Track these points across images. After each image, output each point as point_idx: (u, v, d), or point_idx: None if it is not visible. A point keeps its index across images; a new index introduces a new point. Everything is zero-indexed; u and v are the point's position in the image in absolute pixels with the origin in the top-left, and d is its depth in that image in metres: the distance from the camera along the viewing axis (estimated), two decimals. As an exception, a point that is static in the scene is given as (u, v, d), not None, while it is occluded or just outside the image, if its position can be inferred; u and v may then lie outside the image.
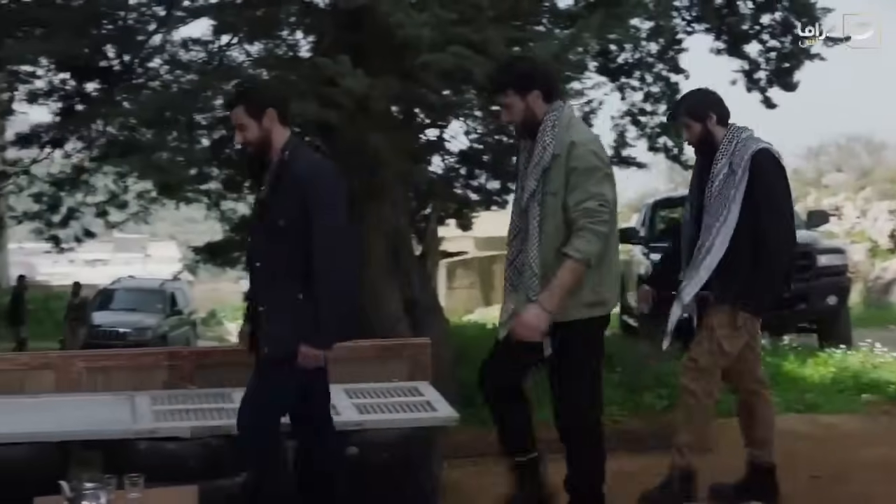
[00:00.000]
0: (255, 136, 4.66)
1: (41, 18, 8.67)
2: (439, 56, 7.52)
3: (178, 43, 9.19)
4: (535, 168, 4.81)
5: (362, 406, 5.58)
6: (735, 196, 5.24)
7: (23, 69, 9.42)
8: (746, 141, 5.34)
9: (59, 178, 10.11)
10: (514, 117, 4.90)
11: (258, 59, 8.92)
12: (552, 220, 4.77)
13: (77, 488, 4.22)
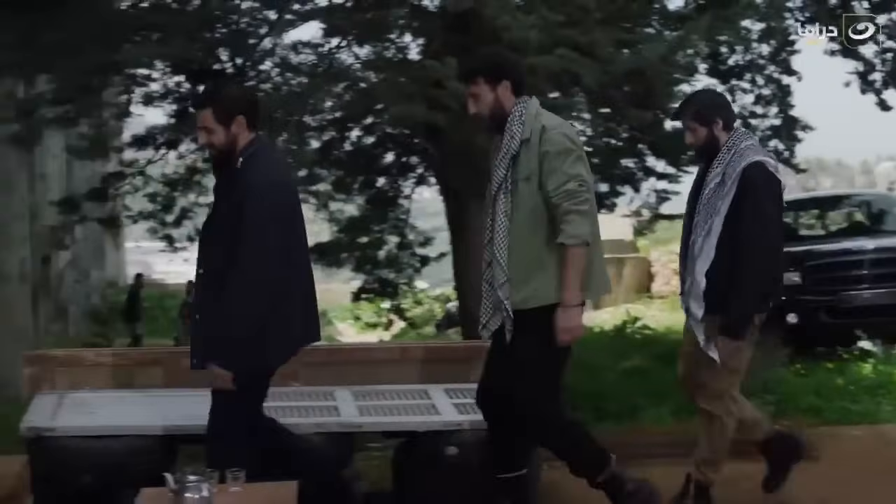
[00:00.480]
0: (221, 142, 4.60)
1: (157, 23, 8.88)
2: (546, 58, 7.54)
3: (289, 46, 9.33)
4: (503, 158, 4.76)
5: (462, 406, 5.63)
6: (720, 208, 5.11)
7: (139, 72, 9.65)
8: (744, 151, 5.17)
9: (172, 179, 10.37)
10: (481, 109, 4.82)
11: (367, 62, 9.02)
12: (525, 206, 4.71)
13: (181, 480, 4.34)
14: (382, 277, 11.68)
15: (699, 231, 5.16)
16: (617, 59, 7.67)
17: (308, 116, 9.92)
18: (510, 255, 4.76)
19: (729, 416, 5.31)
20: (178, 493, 4.30)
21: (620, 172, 10.82)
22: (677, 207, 10.68)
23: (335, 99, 9.10)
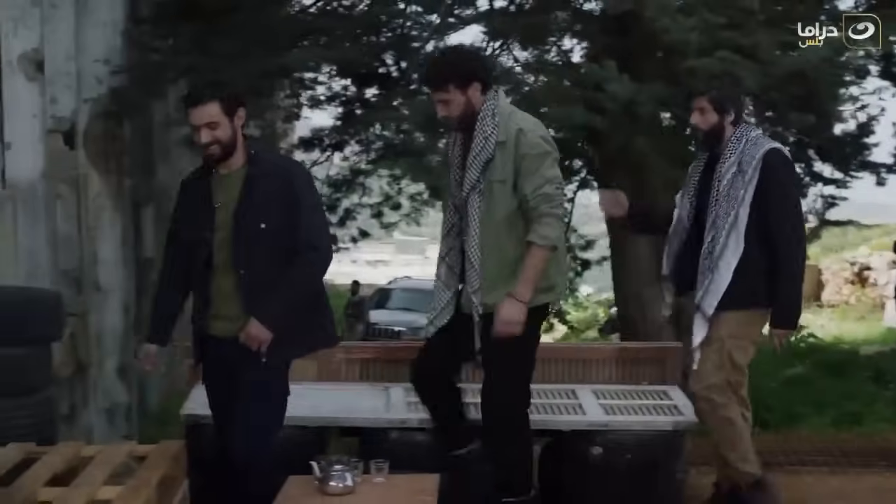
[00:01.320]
0: (227, 136, 4.42)
1: (323, 28, 9.12)
2: (706, 61, 7.48)
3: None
4: (477, 159, 4.72)
5: (609, 407, 5.68)
6: (744, 197, 5.02)
7: (307, 76, 9.93)
8: (757, 140, 5.12)
9: (336, 180, 10.62)
10: (451, 112, 4.76)
11: (526, 65, 9.11)
12: (501, 208, 4.73)
13: (326, 469, 4.51)
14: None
15: (721, 224, 5.06)
16: (778, 61, 7.55)
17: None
18: (485, 258, 4.82)
19: (732, 411, 5.22)
20: (323, 481, 4.48)
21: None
22: (845, 213, 10.45)
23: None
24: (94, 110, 9.34)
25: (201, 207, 4.51)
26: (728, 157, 5.10)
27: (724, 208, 5.06)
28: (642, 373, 6.01)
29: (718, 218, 5.07)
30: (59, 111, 8.96)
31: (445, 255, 5.02)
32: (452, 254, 5.00)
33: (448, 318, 5.01)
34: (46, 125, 8.81)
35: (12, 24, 8.38)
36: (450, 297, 4.99)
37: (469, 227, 4.82)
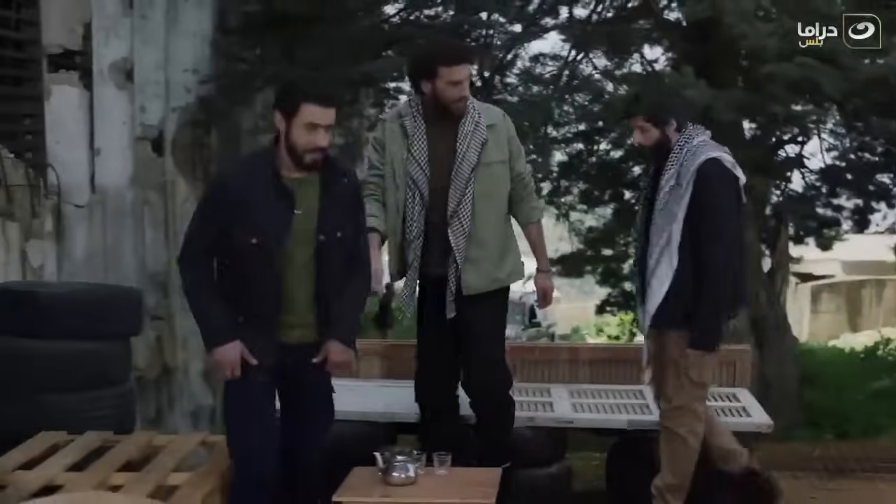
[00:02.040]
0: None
1: (408, 37, 9.27)
2: (785, 66, 7.50)
3: (531, 57, 9.60)
4: (473, 142, 5.01)
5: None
6: (678, 214, 4.79)
7: (391, 85, 10.09)
8: (698, 149, 4.86)
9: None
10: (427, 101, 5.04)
11: (605, 72, 9.18)
12: (504, 188, 5.12)
13: (389, 460, 4.63)
14: (626, 291, 11.73)
15: (656, 240, 4.86)
16: (860, 67, 7.53)
17: (552, 128, 10.15)
18: (490, 236, 5.07)
19: (692, 435, 5.01)
20: (386, 472, 4.60)
21: (875, 188, 10.51)
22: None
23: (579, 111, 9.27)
24: (182, 119, 9.60)
25: (274, 213, 4.28)
26: (668, 169, 4.87)
27: (660, 224, 4.86)
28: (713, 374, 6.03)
29: (654, 234, 4.88)
30: (148, 119, 9.22)
31: (412, 242, 5.11)
32: (417, 241, 5.10)
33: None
34: (135, 132, 9.07)
35: (104, 34, 8.64)
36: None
37: (473, 209, 4.98)
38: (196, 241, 4.35)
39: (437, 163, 5.02)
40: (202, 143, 9.91)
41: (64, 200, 7.95)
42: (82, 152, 8.32)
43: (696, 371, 4.92)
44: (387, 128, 5.18)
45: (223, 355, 4.30)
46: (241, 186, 4.26)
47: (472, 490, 4.54)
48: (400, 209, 5.10)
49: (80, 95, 8.28)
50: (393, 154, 5.10)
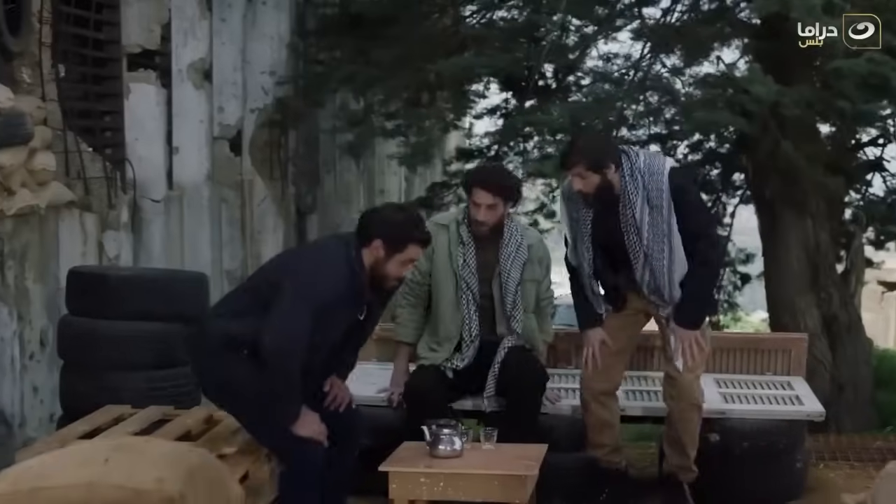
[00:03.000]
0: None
1: (481, 37, 9.46)
2: (853, 62, 7.52)
3: (602, 56, 9.73)
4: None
5: (729, 395, 5.84)
6: (670, 229, 5.13)
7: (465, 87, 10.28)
8: (649, 166, 5.17)
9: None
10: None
11: (676, 69, 9.26)
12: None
13: (435, 434, 4.81)
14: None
15: (658, 260, 5.18)
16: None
17: (626, 130, 10.25)
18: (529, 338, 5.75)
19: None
20: (433, 445, 4.78)
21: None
22: None
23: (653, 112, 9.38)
24: (259, 119, 9.94)
25: (348, 322, 4.83)
26: (633, 202, 5.17)
27: (656, 247, 5.18)
28: (767, 363, 6.15)
29: (653, 258, 5.19)
30: (226, 119, 9.56)
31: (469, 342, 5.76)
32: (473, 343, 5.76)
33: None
34: (213, 132, 9.39)
35: (182, 36, 8.99)
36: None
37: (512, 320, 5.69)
38: (302, 338, 4.50)
39: (485, 272, 5.65)
40: (279, 144, 10.23)
41: (141, 195, 8.26)
42: (159, 148, 8.64)
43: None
44: (439, 233, 5.59)
45: (310, 428, 4.59)
46: (337, 301, 4.55)
47: (516, 462, 4.70)
48: (446, 304, 5.68)
49: (157, 93, 8.61)
50: (445, 256, 5.65)
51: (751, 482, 5.59)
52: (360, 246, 4.64)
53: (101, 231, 7.60)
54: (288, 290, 4.50)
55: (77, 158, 7.40)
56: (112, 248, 7.68)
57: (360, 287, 4.63)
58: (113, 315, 5.79)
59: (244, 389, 4.58)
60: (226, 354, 4.53)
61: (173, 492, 3.05)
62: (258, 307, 4.55)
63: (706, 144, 11.07)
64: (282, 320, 4.46)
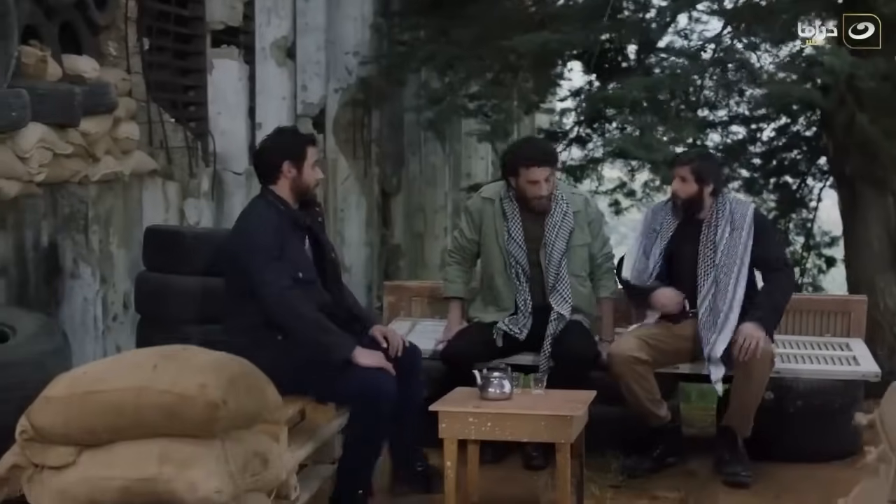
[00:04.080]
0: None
1: (560, 15, 9.62)
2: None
3: (679, 31, 9.84)
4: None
5: (785, 355, 5.97)
6: (744, 255, 5.71)
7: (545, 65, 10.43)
8: (737, 202, 5.97)
9: (571, 166, 11.05)
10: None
11: (750, 44, 9.31)
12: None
13: (486, 377, 5.05)
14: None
15: (725, 280, 5.71)
16: None
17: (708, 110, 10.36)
18: (581, 303, 6.05)
19: None
20: (483, 388, 5.01)
21: None
22: None
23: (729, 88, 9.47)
24: (342, 99, 10.25)
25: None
26: (719, 223, 5.78)
27: (726, 267, 5.72)
28: (827, 324, 6.28)
29: (720, 278, 5.72)
30: (309, 97, 9.88)
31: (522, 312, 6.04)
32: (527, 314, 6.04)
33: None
34: (296, 109, 9.71)
35: (265, 14, 9.32)
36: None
37: (560, 285, 6.03)
38: (284, 283, 4.98)
39: (532, 244, 5.90)
40: (362, 124, 10.54)
41: (223, 167, 8.60)
42: (241, 123, 8.96)
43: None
44: (485, 207, 5.99)
45: (370, 357, 4.98)
46: (276, 233, 5.05)
47: (564, 405, 4.92)
48: (497, 275, 5.98)
49: (240, 69, 8.93)
50: (492, 230, 5.96)
51: (805, 440, 5.74)
52: (270, 185, 5.15)
53: (182, 199, 7.94)
54: (245, 265, 4.96)
55: (160, 129, 7.75)
56: (193, 215, 8.02)
57: (286, 211, 5.10)
58: (186, 270, 6.10)
59: (295, 364, 4.86)
60: (259, 351, 4.64)
61: (216, 397, 3.33)
62: (242, 287, 5.00)
63: (792, 128, 11.12)
64: (262, 290, 4.89)
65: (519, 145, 6.51)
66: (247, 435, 3.57)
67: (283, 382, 4.80)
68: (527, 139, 8.69)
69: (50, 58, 6.32)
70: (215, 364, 3.46)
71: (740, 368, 5.53)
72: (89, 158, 6.71)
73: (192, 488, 3.30)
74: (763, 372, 5.53)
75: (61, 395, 3.37)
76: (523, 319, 5.90)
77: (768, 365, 5.54)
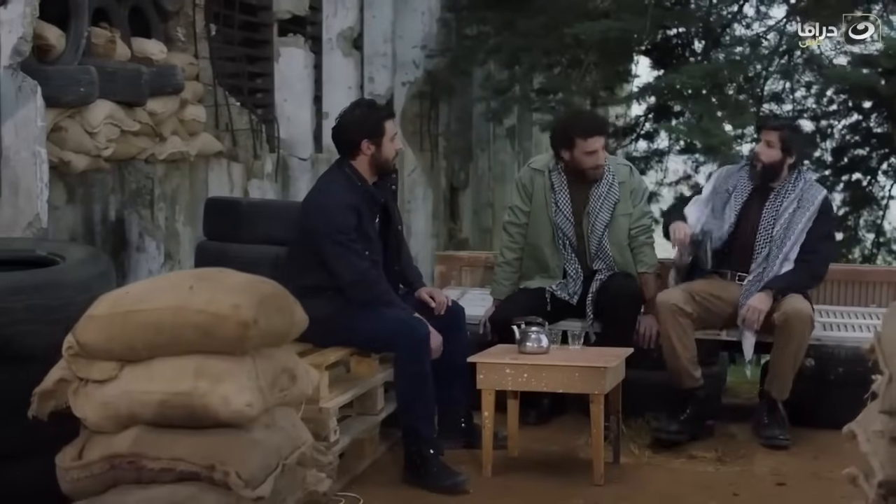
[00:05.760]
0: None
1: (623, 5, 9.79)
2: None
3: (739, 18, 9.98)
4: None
5: (828, 324, 6.12)
6: (800, 236, 5.85)
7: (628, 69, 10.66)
8: (813, 183, 6.05)
9: (634, 157, 11.23)
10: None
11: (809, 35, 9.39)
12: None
13: (524, 331, 5.27)
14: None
15: (776, 253, 5.87)
16: None
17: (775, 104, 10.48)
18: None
19: None
20: (521, 342, 5.24)
21: None
22: None
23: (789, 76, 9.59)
24: (410, 92, 10.54)
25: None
26: (787, 195, 5.91)
27: (780, 240, 5.88)
28: (873, 295, 6.39)
29: (773, 250, 5.88)
30: (376, 89, 10.19)
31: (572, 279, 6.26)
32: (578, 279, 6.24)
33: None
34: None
35: (332, 6, 9.67)
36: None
37: (601, 252, 6.20)
38: (362, 267, 5.30)
39: (578, 216, 6.10)
40: (429, 117, 10.81)
41: (289, 153, 8.92)
42: (307, 110, 9.28)
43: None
44: (535, 177, 6.19)
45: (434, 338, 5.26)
46: (353, 214, 5.30)
47: (598, 358, 5.12)
48: (544, 245, 6.17)
49: (306, 58, 9.24)
50: (542, 200, 6.15)
51: (845, 407, 5.76)
52: (349, 160, 5.38)
53: (246, 180, 8.27)
54: (320, 238, 5.24)
55: (226, 112, 8.09)
56: (256, 194, 8.32)
57: (363, 188, 5.32)
58: (243, 239, 6.38)
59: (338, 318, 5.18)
60: (307, 301, 4.72)
61: (247, 317, 3.58)
62: (311, 255, 5.27)
63: (864, 124, 11.20)
64: (341, 271, 5.21)
65: (572, 118, 6.73)
66: (276, 352, 3.82)
67: (328, 333, 5.11)
68: (577, 112, 8.89)
69: (119, 39, 6.68)
70: (247, 285, 3.71)
71: (780, 330, 5.67)
72: (156, 137, 7.05)
73: (225, 402, 3.54)
74: (802, 334, 5.66)
75: (104, 313, 3.63)
76: (574, 286, 6.09)
77: (808, 327, 5.68)
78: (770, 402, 5.81)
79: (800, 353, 5.70)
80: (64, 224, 6.19)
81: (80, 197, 6.46)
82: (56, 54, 5.99)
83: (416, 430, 5.12)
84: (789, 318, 5.65)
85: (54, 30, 6.00)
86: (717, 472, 5.43)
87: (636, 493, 5.05)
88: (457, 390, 5.48)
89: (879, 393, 3.41)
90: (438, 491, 4.98)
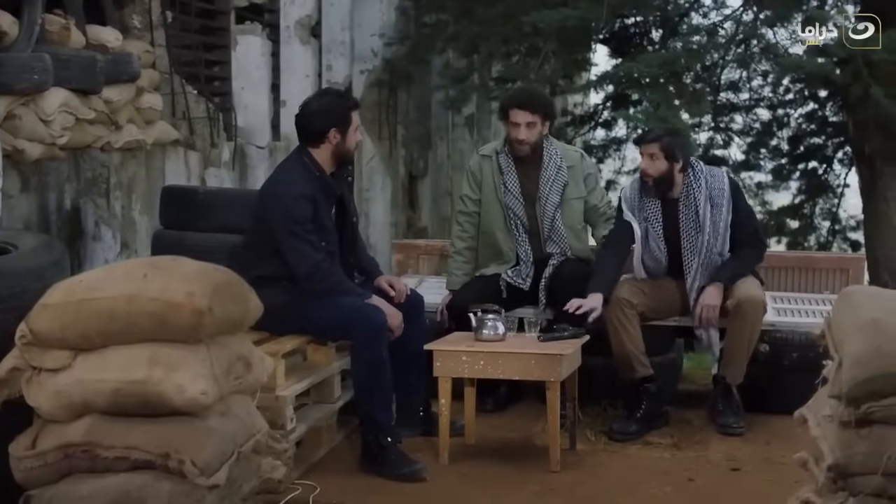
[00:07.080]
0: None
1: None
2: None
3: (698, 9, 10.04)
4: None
5: (782, 310, 6.18)
6: (726, 232, 5.87)
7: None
8: (710, 172, 5.96)
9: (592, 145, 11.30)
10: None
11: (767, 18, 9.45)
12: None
13: (480, 319, 5.29)
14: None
15: (714, 256, 5.90)
16: None
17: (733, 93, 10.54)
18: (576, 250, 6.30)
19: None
20: (477, 329, 5.26)
21: None
22: None
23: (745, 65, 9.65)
24: (368, 80, 10.53)
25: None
26: (697, 202, 5.88)
27: (712, 241, 5.89)
28: (825, 282, 6.47)
29: (710, 257, 5.90)
30: (334, 77, 10.17)
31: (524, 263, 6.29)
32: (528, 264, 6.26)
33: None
34: (320, 88, 9.97)
35: (289, -7, 9.65)
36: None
37: (554, 234, 6.25)
38: (316, 256, 5.28)
39: (529, 198, 6.14)
40: (388, 105, 10.80)
41: (246, 141, 8.90)
42: (264, 98, 9.27)
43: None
44: (484, 164, 6.25)
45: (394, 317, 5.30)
46: (310, 204, 5.28)
47: (555, 346, 5.15)
48: (497, 230, 6.20)
49: (263, 46, 9.23)
50: (491, 185, 6.19)
51: (799, 392, 5.81)
52: (311, 148, 5.35)
53: (203, 168, 8.24)
54: (276, 228, 5.23)
55: (183, 100, 8.05)
56: (214, 183, 8.30)
57: (322, 180, 5.31)
58: (200, 228, 6.36)
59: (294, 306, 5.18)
60: (263, 290, 4.62)
61: (202, 305, 3.59)
62: (267, 245, 5.27)
63: (819, 113, 11.28)
64: (296, 262, 5.20)
65: (511, 91, 6.71)
66: (231, 340, 3.84)
67: (284, 322, 5.11)
68: (521, 87, 8.88)
69: (73, 26, 6.61)
70: (201, 273, 3.72)
71: (733, 316, 5.73)
72: (112, 125, 6.99)
73: (180, 390, 3.55)
74: (755, 319, 5.72)
75: (57, 301, 3.63)
76: (526, 270, 6.12)
77: (760, 312, 5.74)
78: (724, 388, 5.87)
79: (753, 337, 5.76)
80: (18, 213, 6.14)
81: (34, 186, 6.41)
82: (9, 41, 5.93)
83: (374, 418, 5.13)
84: (741, 303, 5.71)
85: (7, 17, 5.93)
86: (673, 457, 5.48)
87: (592, 479, 5.09)
88: (414, 378, 5.50)
89: (829, 378, 3.46)
90: (396, 479, 4.99)
